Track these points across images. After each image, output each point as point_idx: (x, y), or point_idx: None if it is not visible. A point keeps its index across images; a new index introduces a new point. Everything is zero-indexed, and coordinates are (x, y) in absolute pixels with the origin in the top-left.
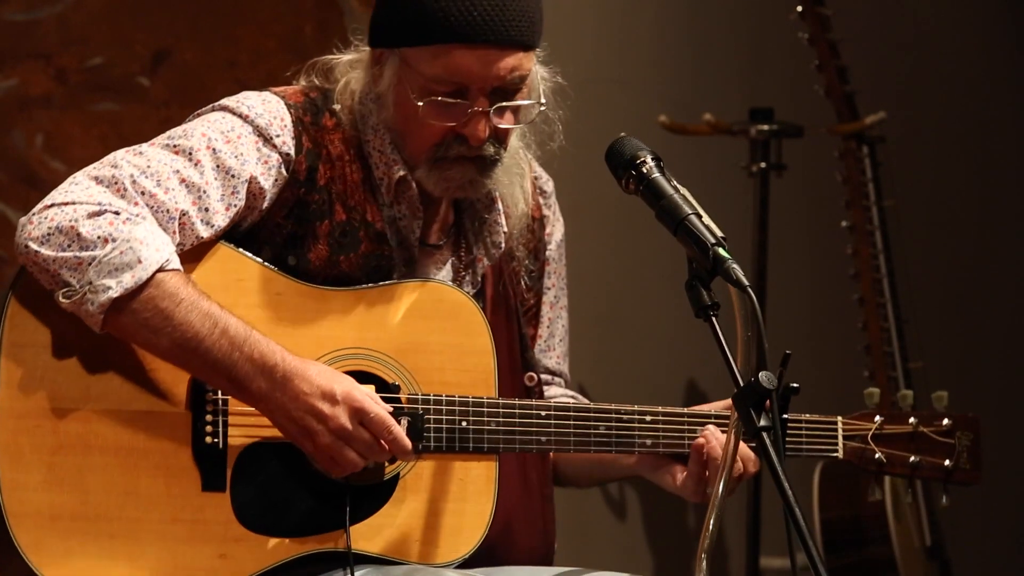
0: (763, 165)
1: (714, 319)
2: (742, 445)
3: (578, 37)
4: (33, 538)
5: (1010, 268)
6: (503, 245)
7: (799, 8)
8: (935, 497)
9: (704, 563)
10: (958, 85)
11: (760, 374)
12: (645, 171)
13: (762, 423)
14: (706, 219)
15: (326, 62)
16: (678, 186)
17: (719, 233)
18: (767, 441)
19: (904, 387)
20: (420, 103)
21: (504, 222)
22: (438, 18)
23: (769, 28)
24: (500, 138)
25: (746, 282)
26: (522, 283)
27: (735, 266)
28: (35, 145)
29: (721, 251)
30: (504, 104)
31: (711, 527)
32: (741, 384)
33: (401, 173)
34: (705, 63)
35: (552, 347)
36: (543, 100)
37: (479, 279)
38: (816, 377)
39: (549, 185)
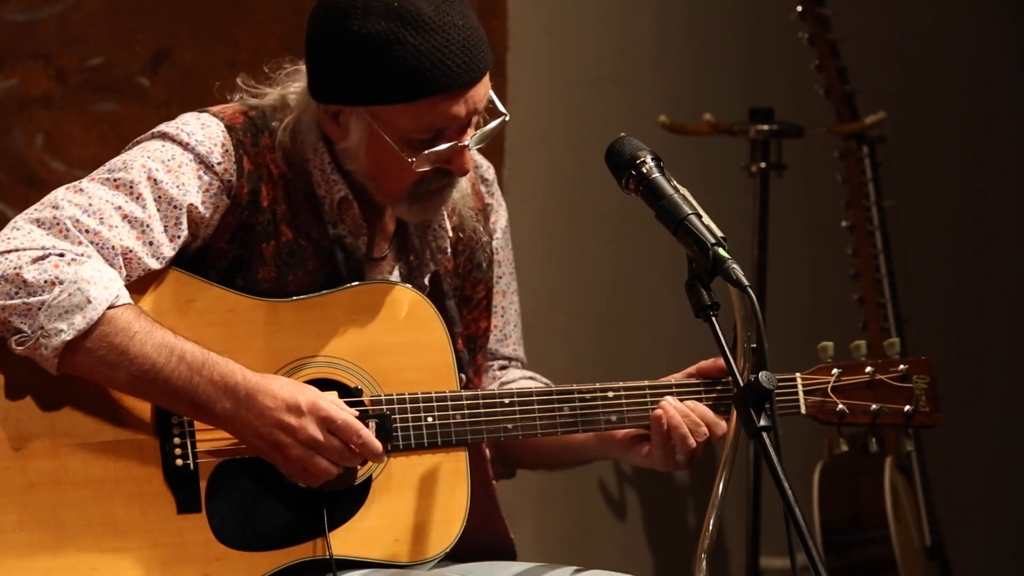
0: (763, 165)
1: (714, 319)
2: (704, 408)
3: (578, 37)
4: None
5: (1010, 268)
6: (448, 250)
7: (799, 8)
8: (936, 498)
9: (704, 563)
10: (958, 85)
11: (760, 374)
12: (645, 171)
13: (762, 423)
14: (706, 219)
15: (256, 93)
16: (678, 186)
17: (719, 233)
18: (767, 441)
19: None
20: (410, 157)
21: (448, 227)
22: (414, 75)
23: (769, 28)
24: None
25: (746, 282)
26: (469, 277)
27: (735, 266)
28: (35, 145)
29: (721, 251)
30: (483, 131)
31: (711, 527)
32: (741, 384)
33: (342, 193)
34: (705, 63)
35: (508, 335)
36: (506, 112)
37: (426, 284)
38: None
39: (490, 172)
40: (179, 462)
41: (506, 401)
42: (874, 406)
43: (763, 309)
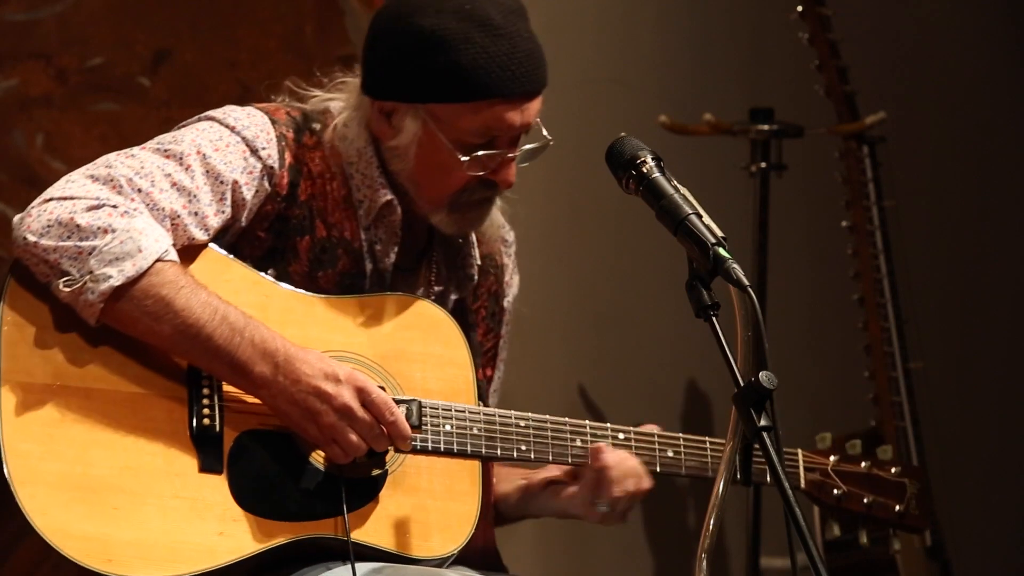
0: (763, 165)
1: (714, 319)
2: (634, 461)
3: (578, 37)
4: (39, 505)
5: (1010, 268)
6: (475, 278)
7: (799, 8)
8: (936, 498)
9: (704, 563)
10: (958, 85)
11: (760, 374)
12: (645, 171)
13: (762, 423)
14: (706, 219)
15: (300, 97)
16: (678, 186)
17: (719, 233)
18: (767, 441)
19: (905, 388)
20: (463, 157)
21: (477, 255)
22: (479, 76)
23: (769, 28)
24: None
25: (746, 282)
26: (483, 324)
27: (735, 266)
28: (35, 145)
29: (721, 251)
30: (529, 148)
31: (711, 527)
32: (741, 384)
33: (387, 198)
34: (705, 63)
35: (490, 394)
36: (550, 137)
37: (450, 309)
38: (816, 377)
39: (511, 235)
40: (206, 422)
41: (521, 424)
42: (868, 498)
43: (763, 309)
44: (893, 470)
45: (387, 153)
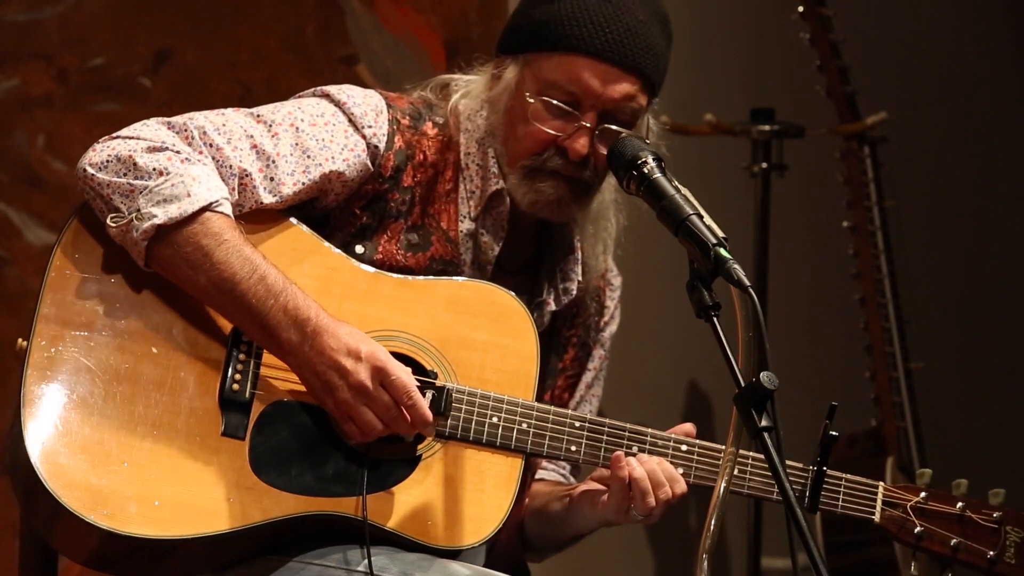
0: (764, 165)
1: (715, 319)
2: (668, 466)
3: None
4: (46, 451)
5: (1010, 268)
6: (574, 293)
7: (800, 8)
8: None
9: (705, 563)
10: (958, 85)
11: (761, 374)
12: (646, 171)
13: (763, 423)
14: (707, 219)
15: (445, 80)
16: (679, 186)
17: (720, 233)
18: (768, 441)
19: (906, 388)
20: (532, 100)
21: (580, 272)
22: (571, 27)
23: (770, 28)
24: (598, 166)
25: (747, 282)
26: (572, 350)
27: (736, 266)
28: (36, 145)
29: (722, 251)
30: (609, 127)
31: (712, 527)
32: (742, 384)
33: (497, 187)
34: (706, 64)
35: None
36: (649, 140)
37: (545, 321)
38: (817, 377)
39: (617, 280)
40: (236, 387)
41: (576, 424)
42: (955, 540)
43: (764, 309)
44: (995, 515)
45: (487, 109)
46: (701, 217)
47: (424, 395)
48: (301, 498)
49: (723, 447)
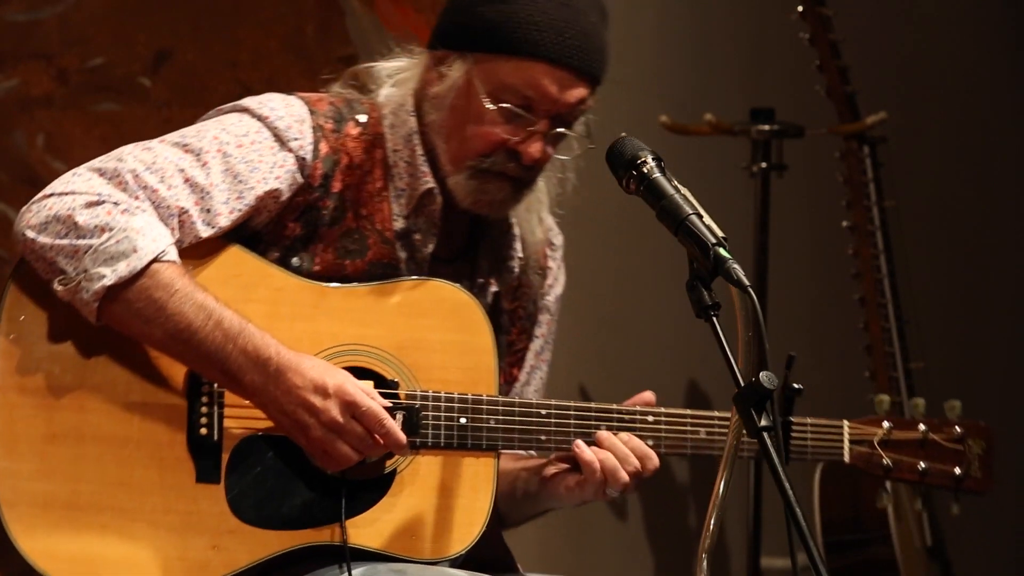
0: (764, 165)
1: (715, 319)
2: (637, 441)
3: None
4: (25, 526)
5: (1011, 268)
6: (516, 270)
7: (800, 8)
8: (935, 499)
9: (705, 563)
10: (958, 85)
11: (761, 374)
12: (646, 171)
13: (763, 423)
14: (707, 219)
15: (367, 69)
16: (679, 186)
17: (720, 233)
18: (768, 441)
19: (906, 388)
20: (491, 106)
21: (519, 248)
22: (531, 32)
23: (770, 28)
24: (542, 164)
25: (747, 282)
26: (518, 323)
27: (736, 266)
28: (36, 145)
29: (722, 251)
30: (561, 131)
31: (712, 527)
32: (742, 384)
33: (428, 186)
34: (706, 63)
35: (526, 395)
36: (592, 142)
37: (488, 302)
38: (817, 377)
39: (558, 239)
40: (203, 431)
41: (543, 412)
42: (923, 465)
43: (764, 309)
44: (956, 430)
45: (427, 105)
46: (701, 217)
47: (395, 417)
48: (284, 533)
49: (688, 412)
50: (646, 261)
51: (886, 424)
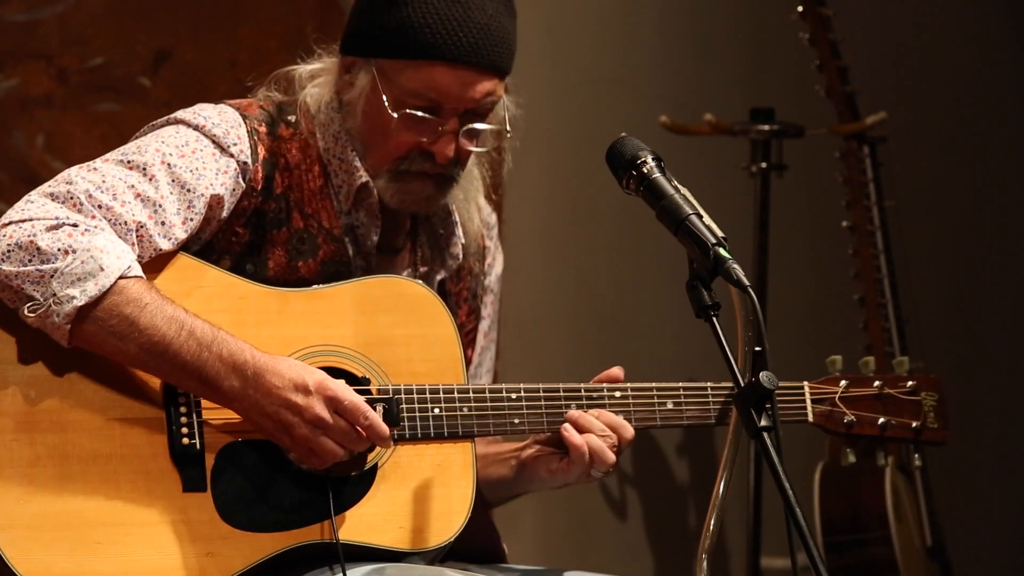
0: (764, 165)
1: (715, 319)
2: (609, 414)
3: (578, 37)
4: (19, 550)
5: (1010, 268)
6: (460, 257)
7: (800, 8)
8: (935, 498)
9: (705, 563)
10: (958, 85)
11: (760, 374)
12: (646, 171)
13: (763, 423)
14: (707, 219)
15: (287, 73)
16: (679, 186)
17: (720, 233)
18: (768, 441)
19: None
20: (395, 114)
21: (461, 234)
22: (425, 34)
23: (770, 28)
24: (462, 159)
25: (747, 282)
26: (465, 305)
27: (736, 266)
28: (36, 145)
29: (722, 251)
30: (473, 127)
31: (712, 527)
32: (741, 384)
33: (363, 180)
34: (706, 63)
35: (479, 376)
36: (509, 128)
37: (435, 289)
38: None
39: (492, 218)
40: (185, 441)
41: (513, 396)
42: (882, 419)
43: (764, 309)
44: (910, 383)
45: (345, 112)
46: (700, 217)
47: (376, 409)
48: (276, 535)
49: (653, 384)
50: (646, 261)
51: (843, 382)
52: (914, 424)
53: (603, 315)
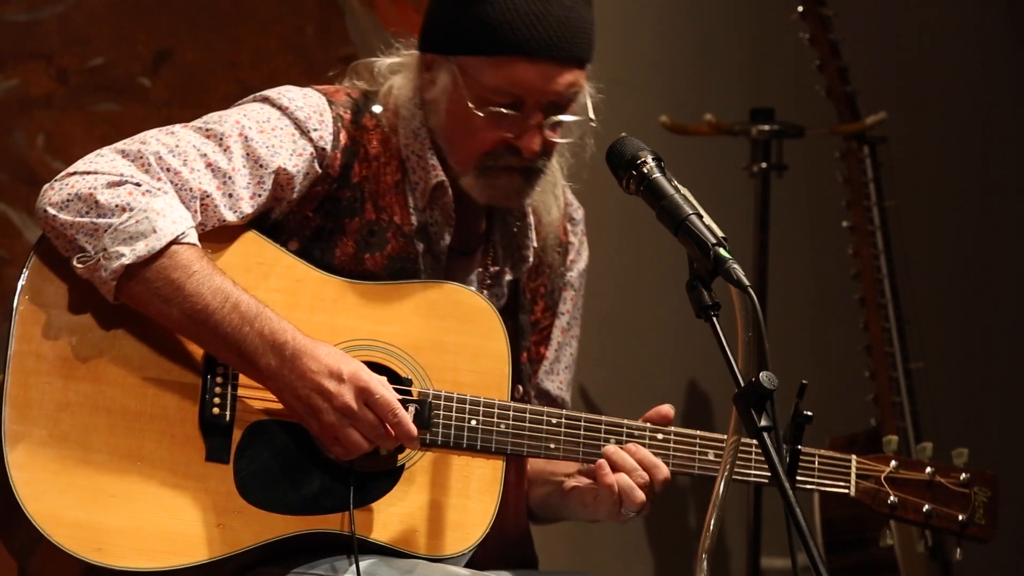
0: (764, 165)
1: (715, 319)
2: (644, 452)
3: None
4: (33, 491)
5: (1011, 268)
6: (530, 260)
7: (800, 8)
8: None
9: (705, 563)
10: (958, 85)
11: (761, 374)
12: (646, 171)
13: (763, 423)
14: (707, 219)
15: (368, 64)
16: (679, 186)
17: (720, 233)
18: (768, 441)
19: (905, 388)
20: (479, 113)
21: (534, 237)
22: (504, 30)
23: (770, 28)
24: (548, 151)
25: (747, 282)
26: (541, 301)
27: (736, 266)
28: (36, 145)
29: (722, 251)
30: (557, 119)
31: (712, 527)
32: (742, 384)
33: (439, 179)
34: (706, 63)
35: (556, 372)
36: (593, 117)
37: (504, 291)
38: (817, 378)
39: (579, 213)
40: (216, 411)
41: (553, 421)
42: (928, 506)
43: (764, 309)
44: (962, 476)
45: (427, 109)
46: (700, 217)
47: (408, 409)
48: (290, 518)
49: (697, 433)
50: (646, 261)
51: (894, 462)
52: (960, 517)
53: (603, 315)
